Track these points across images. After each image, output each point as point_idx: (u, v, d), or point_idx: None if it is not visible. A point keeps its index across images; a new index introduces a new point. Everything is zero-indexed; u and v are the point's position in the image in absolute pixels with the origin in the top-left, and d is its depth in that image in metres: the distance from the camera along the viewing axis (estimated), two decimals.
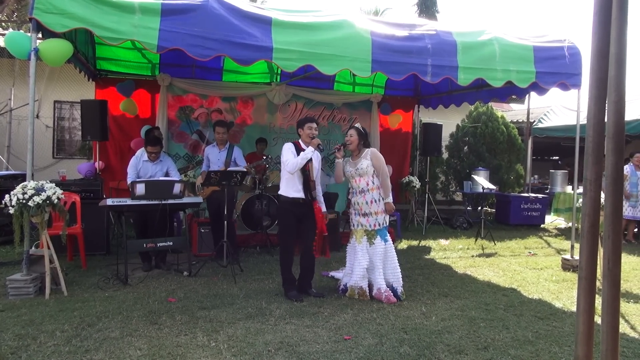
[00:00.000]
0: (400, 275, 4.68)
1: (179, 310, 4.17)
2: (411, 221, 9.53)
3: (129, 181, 5.49)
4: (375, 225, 4.64)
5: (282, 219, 4.63)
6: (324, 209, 4.70)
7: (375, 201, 4.64)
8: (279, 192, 4.64)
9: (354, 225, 4.77)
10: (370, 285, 4.66)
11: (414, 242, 7.87)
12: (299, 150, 4.55)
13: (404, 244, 7.68)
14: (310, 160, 4.54)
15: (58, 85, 9.41)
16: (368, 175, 4.65)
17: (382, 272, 4.62)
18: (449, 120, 11.21)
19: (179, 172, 5.94)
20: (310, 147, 4.51)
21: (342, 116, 9.02)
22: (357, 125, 4.81)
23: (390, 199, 4.67)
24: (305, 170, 4.53)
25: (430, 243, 7.85)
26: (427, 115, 10.84)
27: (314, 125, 4.61)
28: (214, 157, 6.18)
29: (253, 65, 5.27)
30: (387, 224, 4.75)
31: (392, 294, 4.56)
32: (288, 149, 4.56)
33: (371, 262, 4.63)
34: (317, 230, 4.52)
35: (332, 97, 8.83)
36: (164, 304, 4.32)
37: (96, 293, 4.64)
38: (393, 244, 7.45)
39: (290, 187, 4.55)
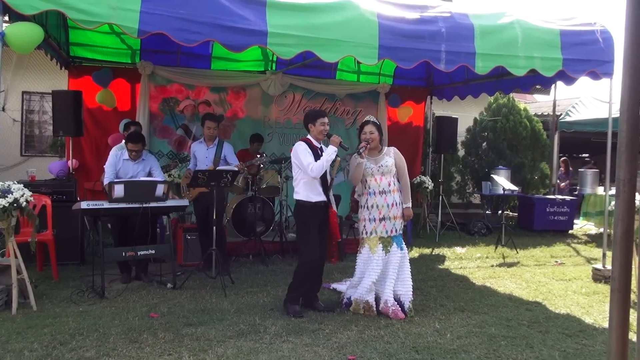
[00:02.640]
0: (411, 289, 4.68)
1: (162, 327, 4.16)
2: (423, 227, 9.53)
3: (106, 181, 5.49)
4: (392, 232, 4.66)
5: (307, 227, 4.58)
6: (334, 207, 4.73)
7: (397, 204, 4.67)
8: (297, 198, 4.61)
9: (366, 232, 4.73)
10: (377, 299, 4.67)
11: (427, 250, 7.87)
12: (312, 148, 4.57)
13: (415, 252, 7.68)
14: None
15: (27, 74, 9.41)
16: (391, 175, 4.69)
17: (393, 283, 4.62)
18: (466, 114, 11.20)
19: (162, 173, 5.94)
20: (331, 146, 4.53)
21: (346, 109, 9.01)
22: (373, 119, 4.84)
23: (410, 204, 4.71)
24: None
25: (444, 251, 7.85)
26: (440, 108, 10.83)
27: (326, 119, 4.65)
28: (202, 155, 6.18)
29: (245, 52, 5.26)
30: (402, 230, 4.75)
31: (399, 308, 4.57)
32: (304, 149, 4.54)
33: (383, 272, 4.64)
34: (334, 236, 4.55)
35: (334, 87, 8.82)
36: (145, 320, 4.32)
37: (69, 307, 4.63)
38: None
39: (311, 191, 4.56)
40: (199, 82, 7.99)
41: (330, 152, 4.51)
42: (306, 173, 4.50)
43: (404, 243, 4.75)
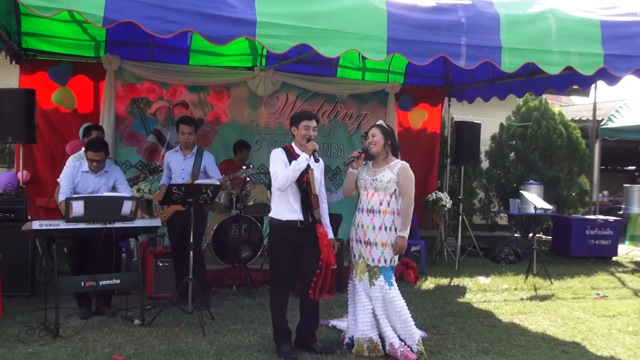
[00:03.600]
0: (414, 330, 4.65)
1: None
2: (440, 252, 9.52)
3: (61, 197, 5.47)
4: (379, 261, 4.63)
5: (273, 249, 4.67)
6: (330, 235, 4.70)
7: (386, 229, 4.63)
8: (270, 214, 4.66)
9: (354, 255, 4.80)
10: (381, 338, 4.65)
11: (444, 281, 7.86)
12: (292, 157, 4.55)
13: (430, 283, 7.67)
14: (309, 168, 4.55)
15: None
16: (385, 193, 4.66)
17: (388, 322, 4.61)
18: (490, 118, 11.24)
19: (129, 187, 5.93)
20: (303, 153, 4.52)
21: (348, 112, 9.05)
22: (381, 122, 4.86)
23: (405, 234, 4.63)
24: (303, 183, 4.53)
25: (465, 281, 7.85)
26: (460, 111, 10.88)
27: (313, 123, 4.63)
28: (177, 166, 6.18)
29: (230, 45, 5.28)
30: (395, 263, 4.72)
31: (408, 349, 4.55)
32: (277, 157, 4.57)
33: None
34: (321, 263, 4.50)
35: (334, 86, 8.85)
36: None
37: (16, 348, 4.59)
38: (416, 282, 7.50)
39: (282, 207, 4.56)
40: (174, 80, 8.01)
41: (299, 161, 4.44)
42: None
43: (394, 279, 4.68)
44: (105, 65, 7.57)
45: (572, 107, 15.21)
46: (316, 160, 4.56)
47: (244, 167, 6.83)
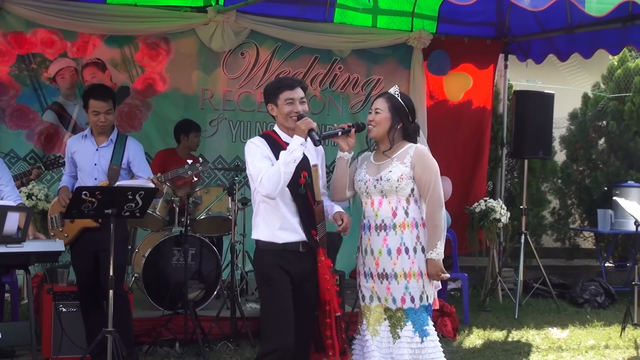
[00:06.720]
0: None
1: None
2: (491, 291, 9.54)
3: None
4: (403, 301, 4.57)
5: (270, 289, 4.53)
6: (337, 210, 4.69)
7: (407, 251, 4.55)
8: (255, 237, 4.62)
9: (363, 297, 4.73)
10: None
11: (498, 334, 7.90)
12: (278, 147, 4.49)
13: (476, 338, 7.70)
14: (305, 160, 4.53)
15: None
16: (399, 197, 4.59)
17: None
18: (568, 87, 11.25)
19: (17, 190, 5.93)
20: (296, 136, 4.44)
21: (352, 77, 9.09)
22: (394, 90, 4.76)
23: (435, 255, 4.50)
24: (300, 186, 4.51)
25: (530, 335, 7.88)
26: (523, 76, 10.89)
27: (298, 93, 4.60)
28: (87, 160, 6.11)
29: None
30: (431, 300, 4.65)
31: None
32: (256, 150, 4.49)
33: None
34: (328, 308, 4.50)
35: (331, 38, 8.86)
36: None
37: None
38: (455, 336, 7.50)
39: (274, 223, 4.49)
40: (85, 27, 7.96)
41: (292, 148, 4.37)
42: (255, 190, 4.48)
43: (430, 324, 4.60)
44: None
45: None
46: (317, 143, 4.51)
47: (190, 162, 6.72)
